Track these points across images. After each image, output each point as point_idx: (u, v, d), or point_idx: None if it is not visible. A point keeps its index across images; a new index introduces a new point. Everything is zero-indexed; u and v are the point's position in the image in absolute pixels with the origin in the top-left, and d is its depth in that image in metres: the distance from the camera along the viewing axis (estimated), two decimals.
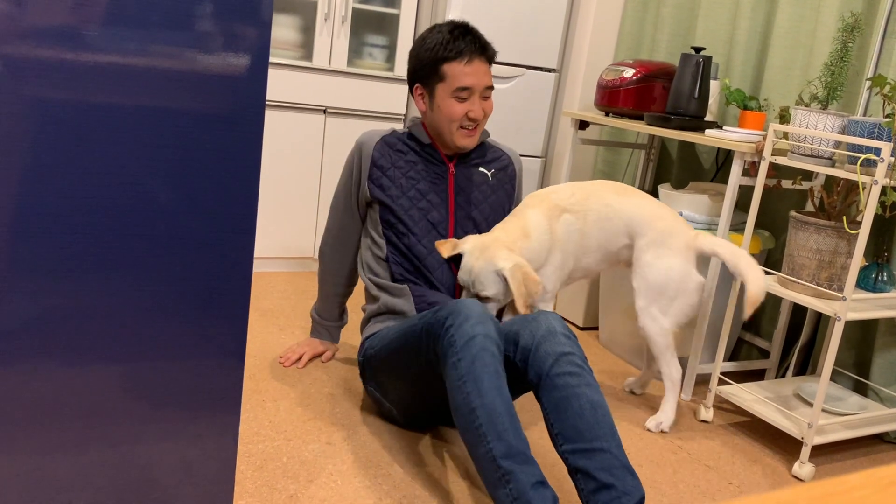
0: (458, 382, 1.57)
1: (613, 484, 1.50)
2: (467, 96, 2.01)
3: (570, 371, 1.61)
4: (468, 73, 2.00)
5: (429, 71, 2.03)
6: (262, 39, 1.16)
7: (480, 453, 1.52)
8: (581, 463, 1.54)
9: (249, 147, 1.19)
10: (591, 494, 1.52)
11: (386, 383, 1.97)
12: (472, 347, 1.58)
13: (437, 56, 2.00)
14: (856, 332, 2.45)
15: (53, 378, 1.14)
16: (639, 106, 2.81)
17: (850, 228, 2.00)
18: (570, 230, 2.08)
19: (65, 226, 1.09)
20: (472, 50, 2.00)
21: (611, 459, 1.53)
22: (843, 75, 2.13)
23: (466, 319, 1.62)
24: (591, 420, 1.56)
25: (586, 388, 1.60)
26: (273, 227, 3.22)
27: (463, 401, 1.56)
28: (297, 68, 3.07)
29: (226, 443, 1.30)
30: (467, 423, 1.55)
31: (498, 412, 1.53)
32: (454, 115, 2.02)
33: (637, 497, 1.51)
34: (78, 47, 1.05)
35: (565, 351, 1.64)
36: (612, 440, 1.55)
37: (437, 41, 2.00)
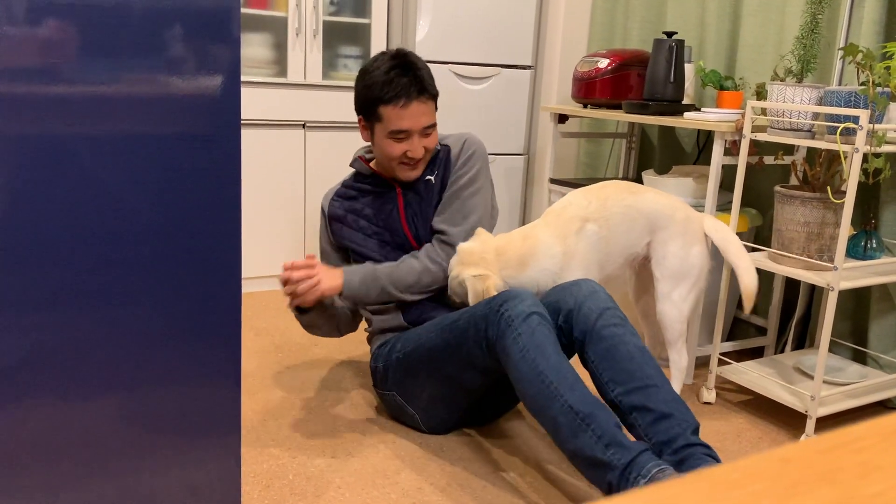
0: (522, 353, 1.63)
1: (672, 413, 1.58)
2: (405, 137, 1.98)
3: (614, 322, 1.70)
4: (404, 117, 1.96)
5: (367, 108, 2.01)
6: (233, 57, 1.15)
7: (555, 409, 1.57)
8: (637, 400, 1.61)
9: (228, 165, 1.18)
10: (650, 426, 1.58)
11: (415, 387, 1.97)
12: (531, 322, 1.65)
13: (374, 96, 1.96)
14: (850, 302, 2.46)
15: (49, 414, 1.13)
16: (616, 95, 2.81)
17: (835, 198, 2.00)
18: (594, 240, 2.04)
19: (48, 258, 1.08)
20: (409, 93, 1.94)
21: (664, 394, 1.61)
22: (815, 47, 2.14)
23: (522, 301, 1.69)
24: (641, 361, 1.65)
25: (632, 337, 1.69)
26: (262, 246, 3.20)
27: (529, 367, 1.62)
28: (273, 85, 3.07)
29: (229, 465, 1.29)
30: (537, 386, 1.60)
31: (566, 369, 1.60)
32: (392, 155, 2.01)
33: (694, 424, 1.59)
34: (51, 81, 1.04)
35: (608, 306, 1.73)
36: (661, 379, 1.64)
37: (375, 80, 1.96)
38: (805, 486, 0.35)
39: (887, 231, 2.31)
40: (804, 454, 0.38)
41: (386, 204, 2.10)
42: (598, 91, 2.82)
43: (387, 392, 2.06)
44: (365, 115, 2.04)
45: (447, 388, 1.91)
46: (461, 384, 1.87)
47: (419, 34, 3.17)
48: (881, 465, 0.37)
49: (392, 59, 1.99)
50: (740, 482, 0.35)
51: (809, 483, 0.36)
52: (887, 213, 2.31)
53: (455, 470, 1.86)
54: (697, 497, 0.34)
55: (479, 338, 1.73)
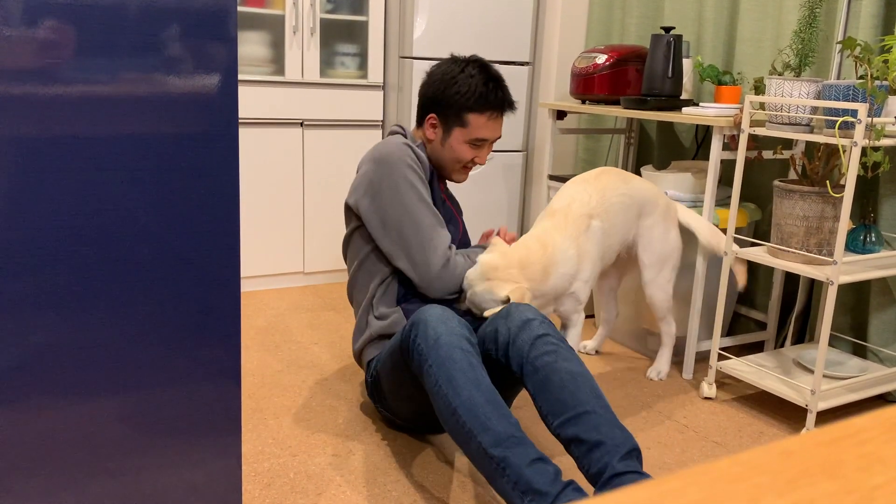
0: (435, 388, 1.59)
1: (602, 440, 1.52)
2: (481, 145, 2.06)
3: (546, 350, 1.65)
4: (490, 128, 2.05)
5: (451, 112, 2.03)
6: (230, 55, 1.15)
7: (472, 450, 1.53)
8: (570, 431, 1.56)
9: (226, 164, 1.18)
10: (584, 458, 1.54)
11: (393, 404, 1.96)
12: (440, 349, 1.60)
13: (466, 104, 2.01)
14: (850, 296, 2.46)
15: (49, 414, 1.13)
16: (614, 91, 2.81)
17: (834, 192, 2.00)
18: (599, 236, 2.07)
19: (47, 259, 1.08)
20: (502, 107, 2.05)
21: (596, 419, 1.55)
22: (814, 41, 2.14)
23: (427, 324, 1.64)
24: (573, 388, 1.59)
25: (564, 363, 1.63)
26: (260, 245, 3.20)
27: (443, 404, 1.57)
28: (270, 83, 3.06)
29: (230, 464, 1.29)
30: (452, 425, 1.56)
31: (477, 404, 1.53)
32: (463, 158, 2.06)
33: (627, 447, 1.52)
34: (48, 81, 1.04)
35: (539, 334, 1.67)
36: (596, 402, 1.58)
37: (469, 88, 2.00)
38: (807, 478, 0.35)
39: (886, 225, 2.31)
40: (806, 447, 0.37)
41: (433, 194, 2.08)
42: (596, 87, 2.82)
43: (377, 405, 2.05)
44: (445, 116, 2.04)
45: (418, 404, 1.86)
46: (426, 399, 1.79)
47: (416, 31, 3.17)
48: (883, 458, 0.37)
49: (483, 70, 2.06)
50: (742, 475, 0.35)
51: (811, 476, 0.36)
52: (886, 207, 2.31)
53: (456, 467, 1.86)
54: (699, 491, 0.34)
55: (409, 363, 1.71)
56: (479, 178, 3.44)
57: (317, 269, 3.35)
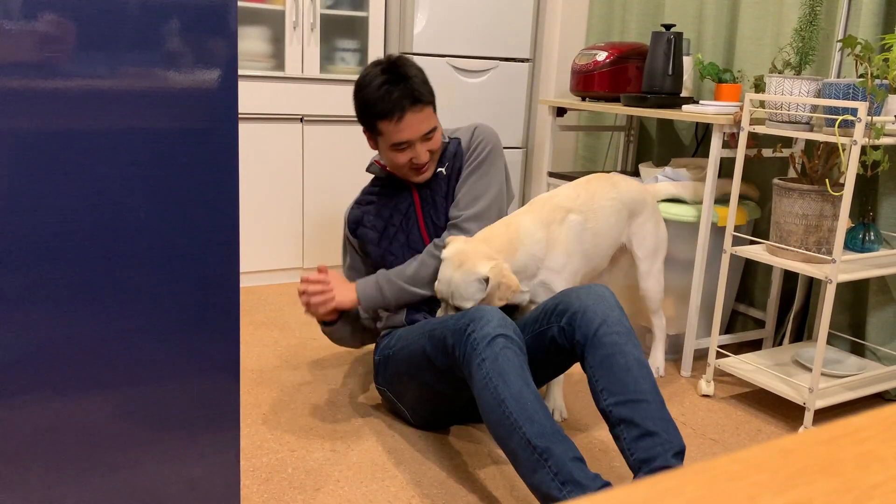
0: (485, 380, 1.59)
1: (657, 431, 1.54)
2: (407, 147, 2.00)
3: (618, 331, 1.66)
4: (402, 129, 1.96)
5: (366, 123, 2.03)
6: (230, 50, 1.15)
7: (515, 441, 1.53)
8: (625, 413, 1.57)
9: (226, 159, 1.18)
10: (633, 442, 1.55)
11: (401, 386, 1.97)
12: (495, 347, 1.61)
13: (371, 112, 1.98)
14: (848, 294, 2.46)
15: (48, 409, 1.13)
16: (614, 88, 2.81)
17: (833, 191, 2.00)
18: (579, 231, 2.06)
19: (46, 253, 1.08)
20: (402, 105, 1.94)
21: (654, 410, 1.57)
22: (814, 39, 2.14)
23: (487, 323, 1.65)
24: (637, 375, 1.61)
25: (633, 348, 1.65)
26: (260, 240, 3.20)
27: (491, 396, 1.58)
28: (270, 79, 3.06)
29: (228, 459, 1.29)
30: (498, 415, 1.56)
31: (526, 398, 1.55)
32: (398, 163, 2.03)
33: (678, 447, 1.54)
34: (47, 75, 1.04)
35: (614, 314, 1.69)
36: (656, 396, 1.60)
37: (369, 96, 1.97)
38: (805, 476, 0.35)
39: (885, 223, 2.31)
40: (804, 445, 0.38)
41: (402, 203, 2.11)
42: (596, 84, 2.82)
43: (381, 386, 2.07)
44: (366, 127, 2.06)
45: (428, 392, 1.90)
46: (439, 391, 1.86)
47: (417, 27, 3.16)
48: (881, 457, 0.37)
49: (383, 71, 1.98)
50: (740, 473, 0.35)
51: (810, 474, 0.36)
52: (885, 206, 2.31)
53: (454, 463, 1.86)
54: (698, 488, 0.34)
55: (449, 353, 1.71)
56: None
57: (316, 265, 3.35)
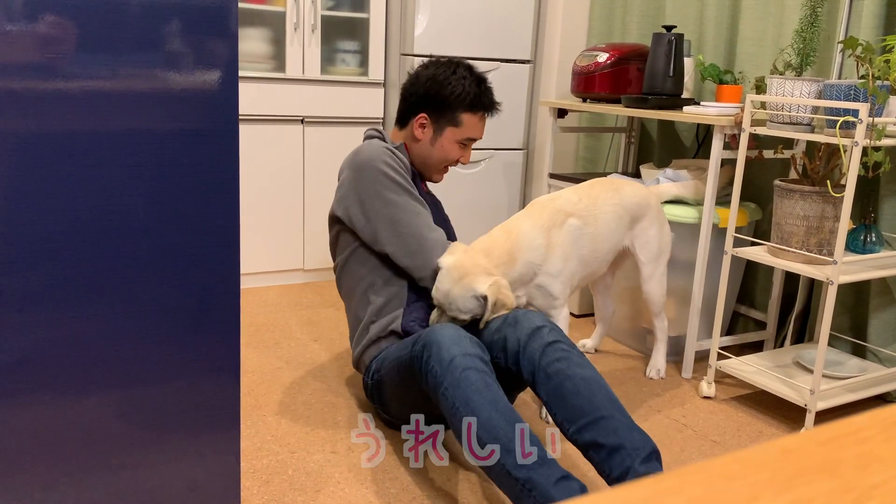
0: (452, 410, 1.57)
1: (622, 444, 1.54)
2: (468, 145, 2.13)
3: (558, 357, 1.65)
4: (479, 128, 2.13)
5: (445, 112, 2.07)
6: (231, 52, 1.15)
7: (495, 472, 1.52)
8: (588, 436, 1.57)
9: (226, 160, 1.18)
10: (604, 463, 1.55)
11: (394, 409, 1.96)
12: (454, 371, 1.58)
13: (461, 103, 2.06)
14: (850, 296, 2.46)
15: (49, 410, 1.13)
16: (615, 89, 2.81)
17: (834, 192, 2.00)
18: (578, 235, 2.06)
19: (47, 254, 1.08)
20: (492, 108, 2.14)
21: (613, 423, 1.56)
22: (815, 41, 2.14)
23: (440, 346, 1.62)
24: (587, 394, 1.60)
25: (577, 368, 1.64)
26: (260, 241, 3.20)
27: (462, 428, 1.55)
28: (271, 80, 3.06)
29: (229, 460, 1.29)
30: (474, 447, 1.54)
31: (497, 425, 1.51)
32: (450, 158, 2.12)
33: (647, 450, 1.54)
34: (48, 76, 1.04)
35: (550, 341, 1.68)
36: (612, 406, 1.59)
37: (464, 89, 2.06)
38: (805, 476, 0.35)
39: (887, 225, 2.31)
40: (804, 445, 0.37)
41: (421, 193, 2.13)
42: (597, 85, 2.82)
43: (376, 405, 2.04)
44: (437, 116, 2.07)
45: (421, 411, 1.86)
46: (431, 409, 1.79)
47: (417, 29, 3.16)
48: (881, 456, 0.37)
49: (471, 72, 2.11)
50: (741, 473, 0.35)
51: (810, 474, 0.35)
52: (887, 207, 2.31)
53: (454, 465, 1.86)
54: (698, 488, 0.34)
55: (420, 380, 1.68)
56: (480, 176, 3.44)
57: (316, 266, 3.35)
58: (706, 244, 2.38)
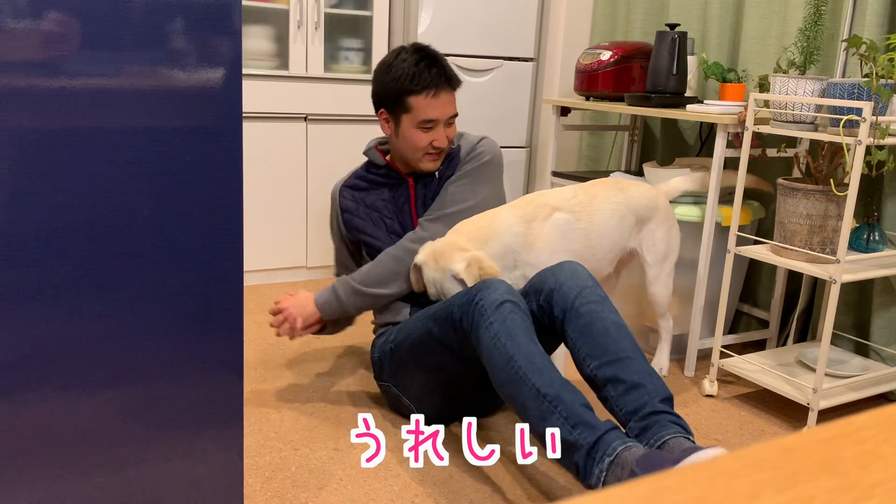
0: (493, 340, 1.63)
1: (642, 383, 1.58)
2: (432, 127, 2.04)
3: (592, 300, 1.71)
4: (434, 106, 2.02)
5: (394, 100, 2.04)
6: (234, 49, 1.15)
7: (525, 394, 1.56)
8: (609, 372, 1.61)
9: (230, 158, 1.18)
10: (620, 397, 1.59)
11: (406, 377, 1.98)
12: (503, 311, 1.65)
13: (403, 88, 2.01)
14: (853, 294, 2.46)
15: (52, 406, 1.13)
16: (618, 87, 2.81)
17: (837, 191, 2.00)
18: (566, 230, 2.05)
19: (50, 252, 1.09)
20: (438, 83, 2.02)
21: (637, 365, 1.61)
22: (819, 39, 2.13)
23: (495, 290, 1.69)
24: (617, 336, 1.65)
25: (610, 313, 1.70)
26: (263, 239, 3.21)
27: (500, 354, 1.61)
28: (274, 78, 3.06)
29: (232, 457, 1.29)
30: (507, 372, 1.59)
31: (534, 353, 1.60)
32: (419, 145, 2.06)
33: (665, 393, 1.59)
34: (52, 74, 1.04)
35: (587, 284, 1.74)
36: (637, 352, 1.64)
37: (403, 72, 2.01)
38: (807, 475, 0.35)
39: (890, 224, 2.30)
40: (806, 444, 0.38)
41: (398, 197, 2.14)
42: (600, 83, 2.81)
43: (384, 383, 2.07)
44: (390, 107, 2.07)
45: (435, 378, 1.91)
46: (448, 373, 1.88)
47: (421, 26, 3.16)
48: (883, 455, 0.37)
49: (416, 52, 2.04)
50: (742, 471, 0.35)
51: (811, 472, 0.36)
52: (890, 206, 2.30)
53: (457, 462, 1.86)
54: (699, 486, 0.34)
55: (457, 327, 1.74)
56: None
57: (320, 264, 3.35)
58: (709, 243, 2.38)
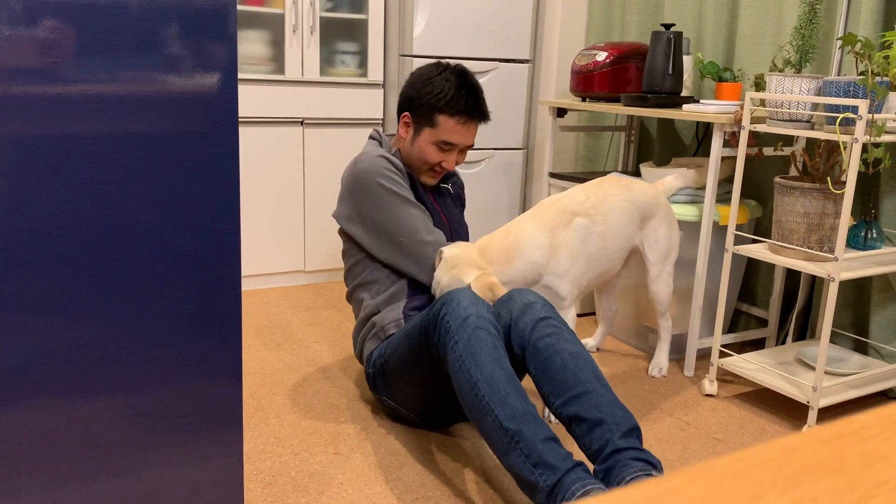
0: (458, 363, 1.61)
1: (603, 419, 1.56)
2: (449, 150, 2.08)
3: (548, 333, 1.69)
4: (459, 133, 2.06)
5: (424, 111, 2.06)
6: (229, 54, 1.15)
7: (488, 424, 1.55)
8: (572, 410, 1.60)
9: (226, 163, 1.18)
10: (585, 436, 1.57)
11: (400, 391, 1.97)
12: (467, 327, 1.63)
13: (438, 104, 2.04)
14: (851, 292, 2.46)
15: (50, 414, 1.13)
16: (614, 88, 2.81)
17: (835, 189, 2.00)
18: (585, 234, 2.07)
19: (49, 258, 1.08)
20: (473, 113, 2.06)
21: (597, 398, 1.59)
22: (814, 37, 2.14)
23: (458, 304, 1.68)
24: (573, 369, 1.63)
25: (565, 344, 1.67)
26: (261, 243, 3.20)
27: (464, 378, 1.60)
28: (270, 82, 3.06)
29: (231, 463, 1.29)
30: (471, 398, 1.58)
31: (498, 380, 1.57)
32: (430, 160, 2.09)
33: (627, 425, 1.56)
34: (48, 81, 1.04)
35: (541, 316, 1.72)
36: (597, 382, 1.62)
37: (443, 90, 2.03)
38: (809, 475, 0.35)
39: (887, 221, 2.31)
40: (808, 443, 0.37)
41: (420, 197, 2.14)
42: (596, 84, 2.82)
43: (380, 396, 2.06)
44: (417, 116, 2.08)
45: (428, 390, 1.90)
46: (438, 384, 1.85)
47: (416, 29, 3.16)
48: (886, 454, 0.37)
49: (460, 76, 2.07)
50: (744, 472, 0.35)
51: (814, 472, 0.35)
52: (887, 203, 2.31)
53: (457, 465, 1.86)
54: (700, 488, 0.34)
55: (430, 342, 1.73)
56: (480, 176, 3.43)
57: (317, 268, 3.35)
58: (707, 242, 2.38)
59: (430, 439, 1.98)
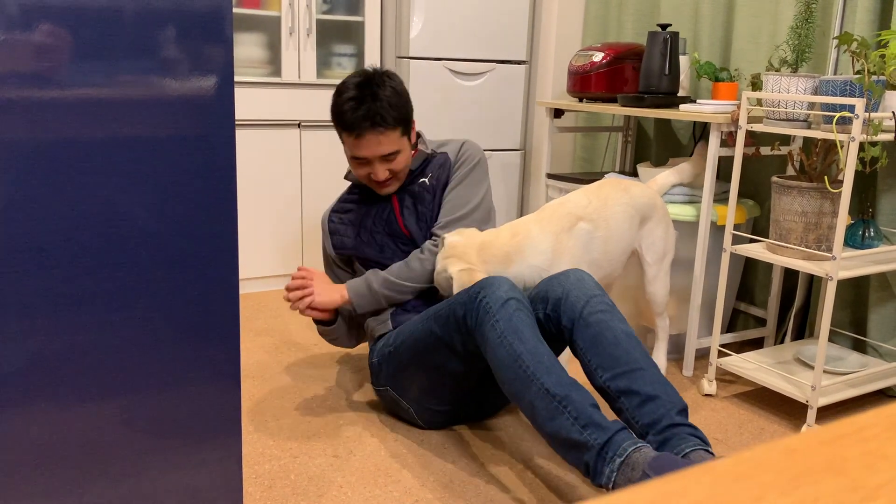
0: (499, 339, 1.63)
1: (657, 395, 1.58)
2: (365, 163, 2.03)
3: (601, 309, 1.71)
4: (360, 146, 1.99)
5: (336, 129, 2.06)
6: (226, 57, 1.15)
7: (532, 392, 1.57)
8: (623, 384, 1.61)
9: (223, 166, 1.18)
10: (636, 409, 1.59)
11: (406, 380, 1.98)
12: (508, 308, 1.66)
13: (336, 122, 2.03)
14: (849, 291, 2.46)
15: (49, 419, 1.13)
16: (611, 89, 2.81)
17: (832, 188, 2.00)
18: (588, 239, 2.07)
19: (45, 263, 1.08)
20: (361, 126, 1.95)
21: (650, 376, 1.61)
22: (810, 37, 2.14)
23: (498, 287, 1.70)
24: (627, 346, 1.65)
25: (619, 322, 1.70)
26: (259, 246, 3.20)
27: (507, 353, 1.62)
28: (267, 85, 3.06)
29: (230, 466, 1.29)
30: (514, 370, 1.60)
31: (541, 352, 1.60)
32: (359, 174, 2.08)
33: (680, 405, 1.59)
34: (44, 85, 1.04)
35: (595, 293, 1.74)
36: (649, 362, 1.64)
37: (336, 104, 2.01)
38: (811, 476, 0.35)
39: (885, 220, 2.31)
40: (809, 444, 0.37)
41: (383, 210, 2.14)
42: (593, 85, 2.82)
43: (381, 387, 2.07)
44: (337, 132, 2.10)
45: (435, 378, 1.91)
46: (448, 373, 1.87)
47: (413, 31, 3.16)
48: (887, 455, 0.37)
49: (357, 86, 1.99)
50: (745, 474, 0.35)
51: (815, 473, 0.35)
52: (884, 202, 2.31)
53: (456, 468, 1.86)
54: (702, 490, 0.34)
55: (459, 326, 1.75)
56: None
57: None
58: (705, 242, 2.38)
59: (430, 444, 1.98)
